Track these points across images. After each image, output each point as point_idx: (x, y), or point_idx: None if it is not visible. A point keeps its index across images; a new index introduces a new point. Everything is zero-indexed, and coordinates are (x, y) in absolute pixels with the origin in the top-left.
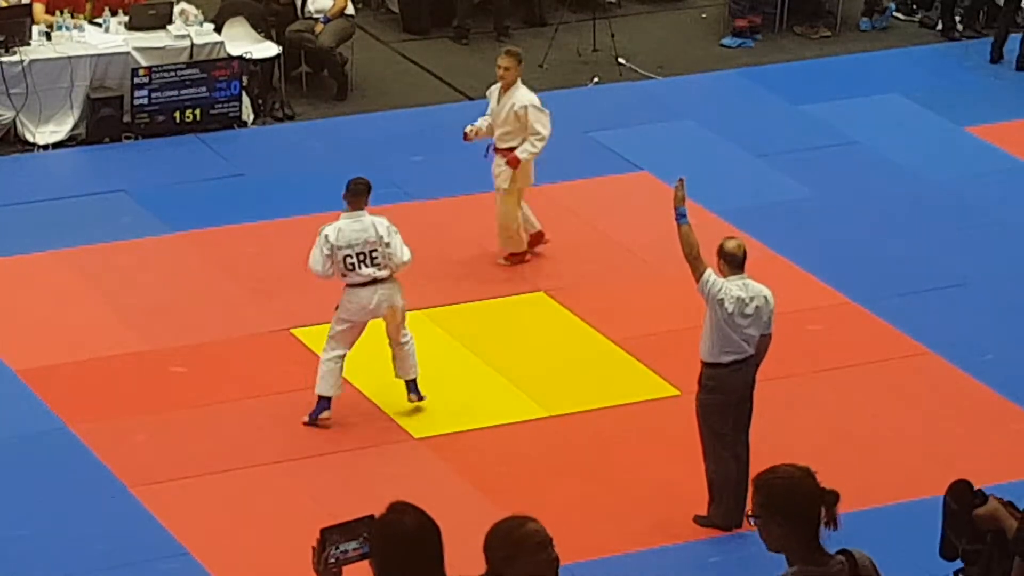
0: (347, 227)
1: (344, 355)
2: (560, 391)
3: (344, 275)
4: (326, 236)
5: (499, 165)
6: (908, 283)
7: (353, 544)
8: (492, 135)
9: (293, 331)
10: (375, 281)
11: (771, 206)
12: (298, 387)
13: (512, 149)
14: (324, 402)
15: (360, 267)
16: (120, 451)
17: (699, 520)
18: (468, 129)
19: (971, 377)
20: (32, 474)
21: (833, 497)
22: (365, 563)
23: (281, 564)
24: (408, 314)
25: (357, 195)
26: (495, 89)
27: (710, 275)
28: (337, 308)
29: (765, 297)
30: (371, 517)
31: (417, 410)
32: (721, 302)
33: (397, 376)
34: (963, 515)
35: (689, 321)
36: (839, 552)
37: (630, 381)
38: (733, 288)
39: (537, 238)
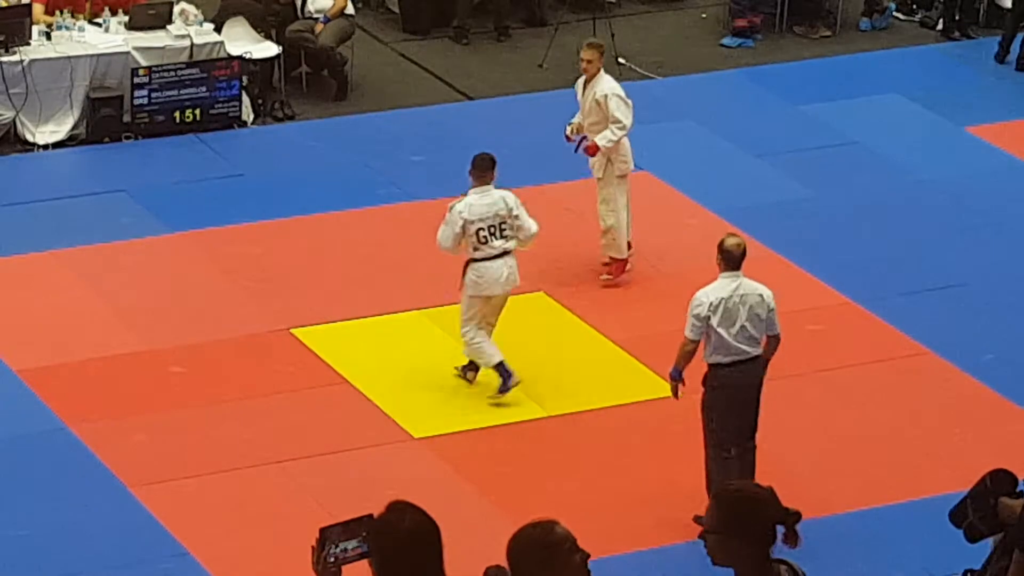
0: (477, 202)
1: (487, 332)
2: (560, 391)
3: (476, 248)
4: (459, 212)
5: (593, 158)
6: (908, 283)
7: (352, 543)
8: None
9: (293, 331)
10: (504, 253)
11: (771, 206)
12: (298, 387)
13: None
14: (504, 368)
15: (492, 240)
16: (120, 451)
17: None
18: (567, 130)
19: (971, 377)
20: (32, 474)
21: (795, 518)
22: (365, 563)
23: (281, 564)
24: (408, 314)
25: (484, 170)
26: (580, 82)
27: (688, 326)
28: (463, 288)
29: (760, 295)
30: (370, 516)
31: (417, 410)
32: (699, 316)
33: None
34: (992, 497)
35: None
36: (779, 561)
37: (630, 381)
38: (704, 298)
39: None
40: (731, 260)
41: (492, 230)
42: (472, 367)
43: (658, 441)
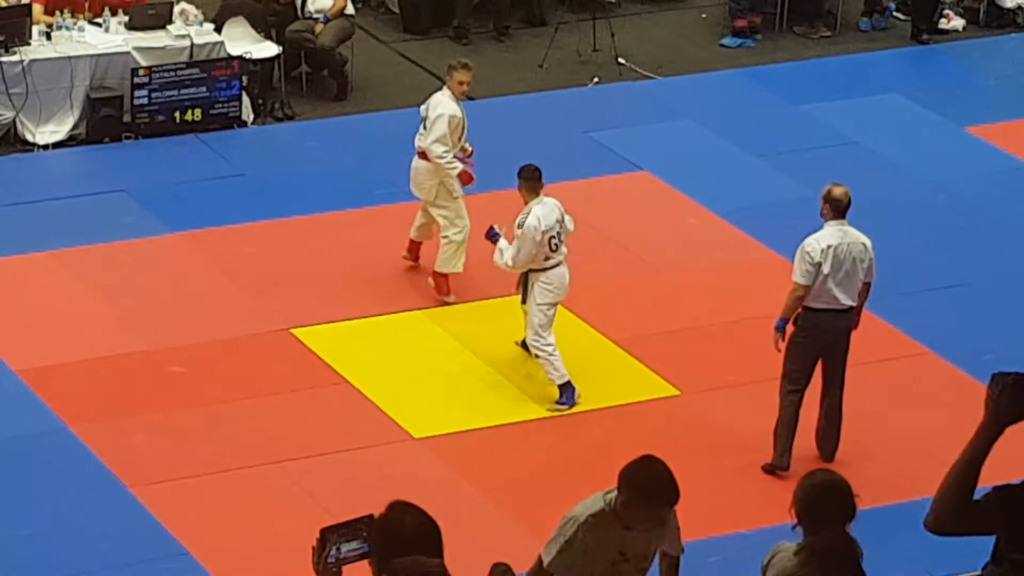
0: (543, 212)
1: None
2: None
3: (547, 257)
4: (534, 227)
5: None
6: (908, 283)
7: (353, 544)
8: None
9: (293, 331)
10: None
11: (771, 206)
12: (298, 387)
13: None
14: (569, 387)
15: (560, 247)
16: (120, 451)
17: (764, 467)
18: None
19: (971, 377)
20: (32, 474)
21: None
22: (365, 563)
23: (281, 564)
24: (408, 314)
25: (537, 180)
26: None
27: (799, 271)
28: (530, 299)
29: (863, 244)
30: (371, 517)
31: (417, 410)
32: (811, 261)
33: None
34: None
35: (689, 321)
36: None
37: (630, 381)
38: (816, 244)
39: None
40: (839, 208)
41: (558, 236)
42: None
43: (658, 441)
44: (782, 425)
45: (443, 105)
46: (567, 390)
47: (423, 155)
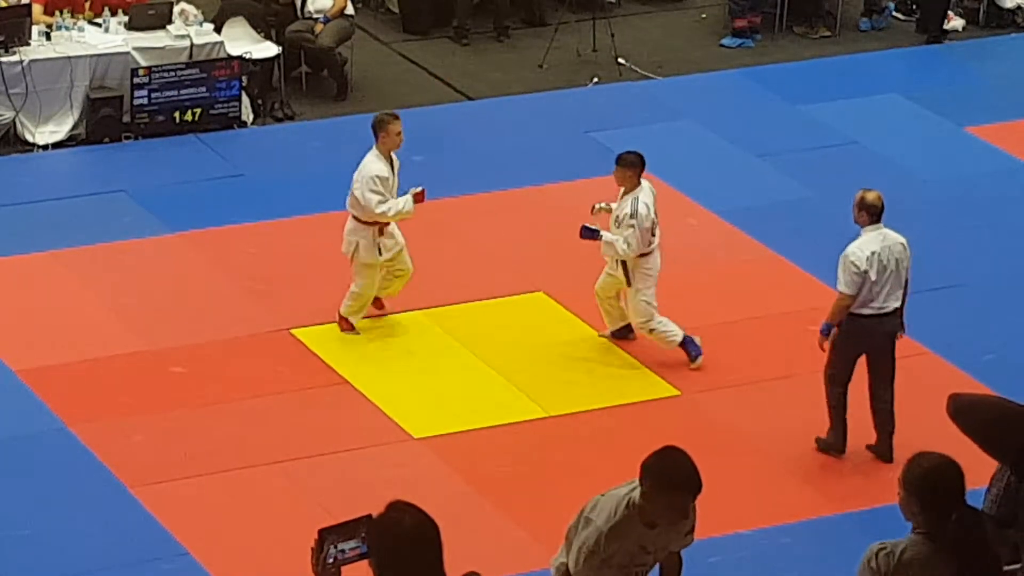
0: (649, 199)
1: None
2: (560, 391)
3: (650, 243)
4: (645, 215)
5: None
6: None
7: (352, 544)
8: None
9: (293, 331)
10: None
11: (771, 206)
12: (298, 387)
13: None
14: (688, 340)
15: (658, 231)
16: (120, 451)
17: (818, 441)
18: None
19: (971, 377)
20: (32, 474)
21: None
22: (365, 563)
23: (281, 564)
24: (408, 314)
25: (641, 167)
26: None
27: (844, 281)
28: (632, 285)
29: (902, 244)
30: (369, 517)
31: (417, 410)
32: (857, 270)
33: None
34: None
35: (689, 321)
36: None
37: (630, 381)
38: (860, 252)
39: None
40: (875, 213)
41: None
42: (628, 328)
43: (658, 441)
44: (835, 412)
45: (369, 167)
46: (688, 344)
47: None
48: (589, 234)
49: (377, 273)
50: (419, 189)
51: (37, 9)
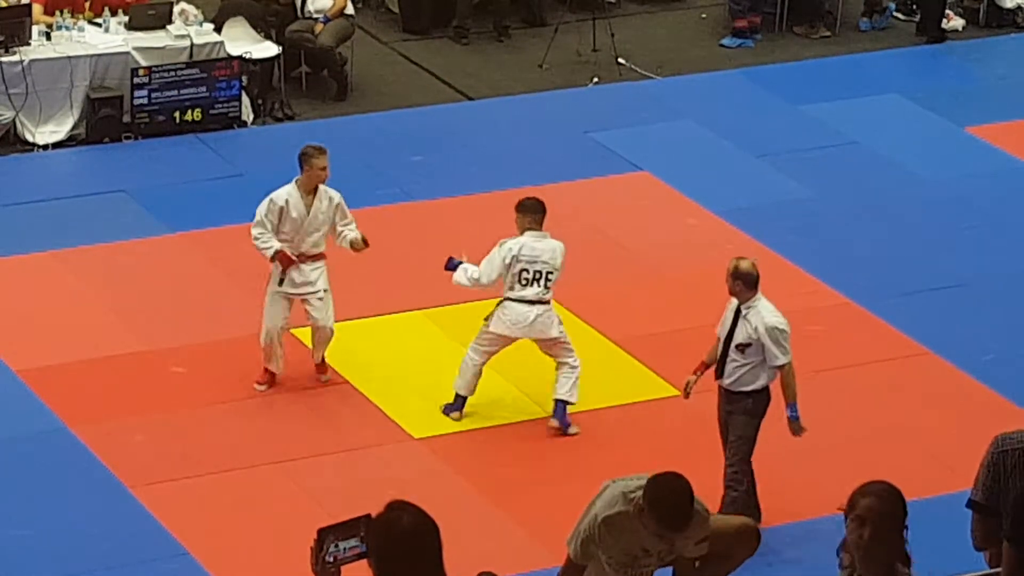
0: (528, 242)
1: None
2: None
3: (511, 288)
4: (508, 248)
5: (317, 269)
6: (908, 283)
7: (351, 543)
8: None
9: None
10: (538, 302)
11: (771, 206)
12: (298, 387)
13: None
14: (460, 401)
15: (533, 285)
16: (120, 451)
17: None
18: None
19: (971, 377)
20: (32, 474)
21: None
22: (364, 562)
23: (281, 564)
24: (408, 314)
25: (537, 212)
26: (304, 197)
27: (787, 349)
28: (489, 318)
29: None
30: (368, 516)
31: (417, 410)
32: (788, 338)
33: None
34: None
35: (689, 321)
36: None
37: (630, 381)
38: (784, 320)
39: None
40: (752, 282)
41: (536, 275)
42: (457, 406)
43: (658, 441)
44: (751, 489)
45: (275, 192)
46: (457, 401)
47: None
48: (451, 267)
49: (279, 305)
50: (285, 252)
51: (37, 9)
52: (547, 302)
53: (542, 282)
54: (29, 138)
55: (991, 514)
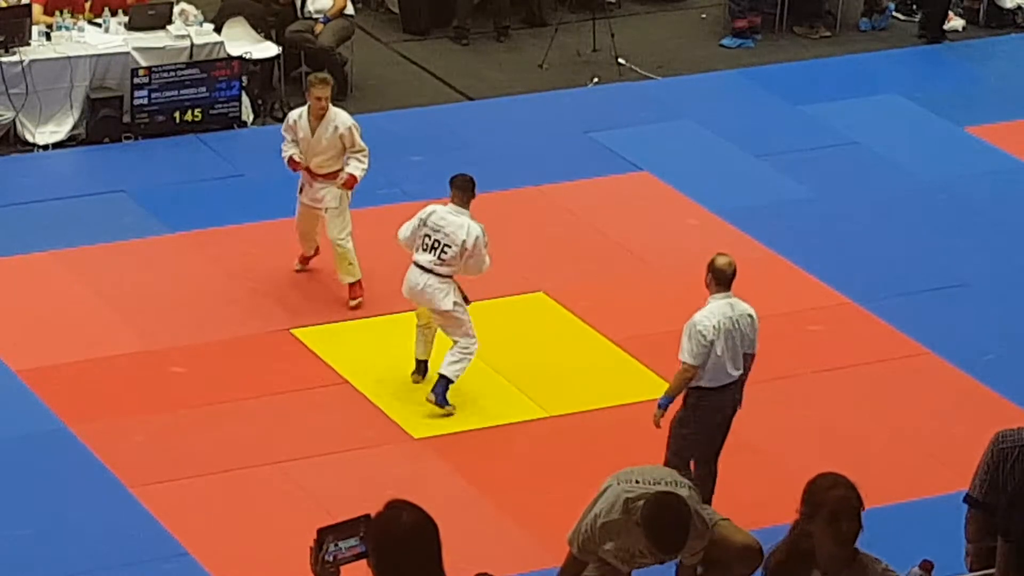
0: (444, 213)
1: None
2: (560, 391)
3: (415, 251)
4: (425, 212)
5: (325, 188)
6: (908, 283)
7: (351, 543)
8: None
9: (293, 331)
10: (428, 270)
11: (771, 206)
12: (298, 387)
13: (335, 172)
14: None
15: (426, 252)
16: (120, 451)
17: None
18: (294, 156)
19: (971, 377)
20: (32, 474)
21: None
22: (364, 562)
23: (281, 564)
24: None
25: (464, 191)
26: (304, 118)
27: (689, 351)
28: None
29: (750, 316)
30: (368, 516)
31: (417, 410)
32: (703, 341)
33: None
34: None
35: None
36: None
37: (630, 381)
38: (707, 321)
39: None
40: (723, 279)
41: (435, 244)
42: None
43: (658, 441)
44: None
45: (295, 111)
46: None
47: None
48: None
49: (302, 212)
50: (293, 159)
51: (37, 9)
52: (440, 275)
53: (437, 252)
54: (29, 138)
55: (986, 510)
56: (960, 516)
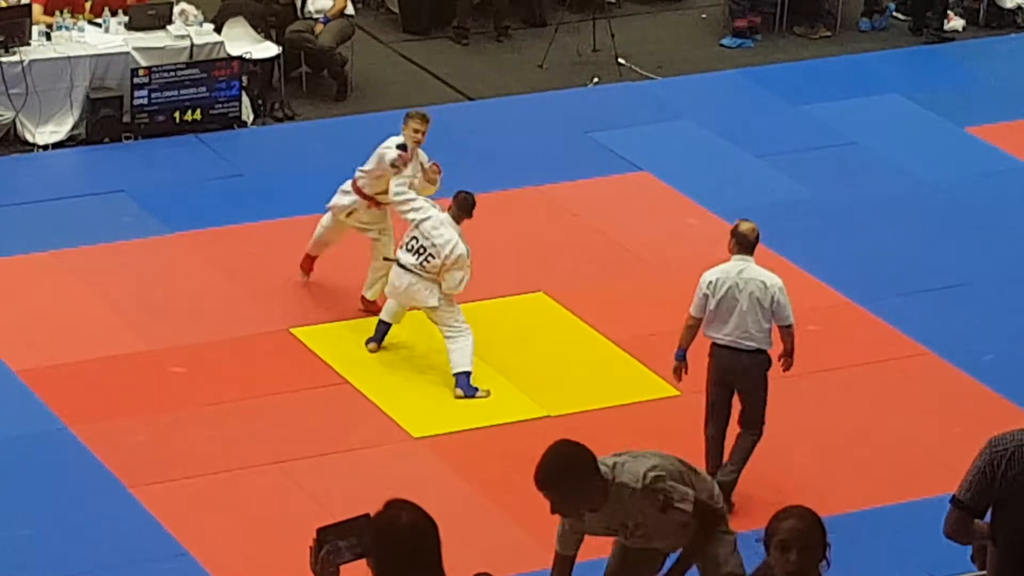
0: (437, 217)
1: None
2: (560, 391)
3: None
4: (420, 205)
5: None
6: (908, 283)
7: (350, 543)
8: None
9: (293, 331)
10: (409, 270)
11: (771, 206)
12: (298, 387)
13: None
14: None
15: (408, 254)
16: (120, 451)
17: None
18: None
19: (971, 377)
20: (32, 474)
21: None
22: (364, 562)
23: (281, 564)
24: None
25: (464, 210)
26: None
27: (693, 304)
28: None
29: (763, 283)
30: (368, 516)
31: (417, 410)
32: (699, 293)
33: None
34: None
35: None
36: None
37: (630, 381)
38: (708, 275)
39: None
40: (744, 244)
41: (420, 249)
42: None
43: (658, 441)
44: (708, 443)
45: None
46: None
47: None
48: None
49: (334, 222)
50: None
51: (37, 9)
52: (425, 278)
53: (421, 258)
54: (29, 138)
55: (972, 514)
56: None
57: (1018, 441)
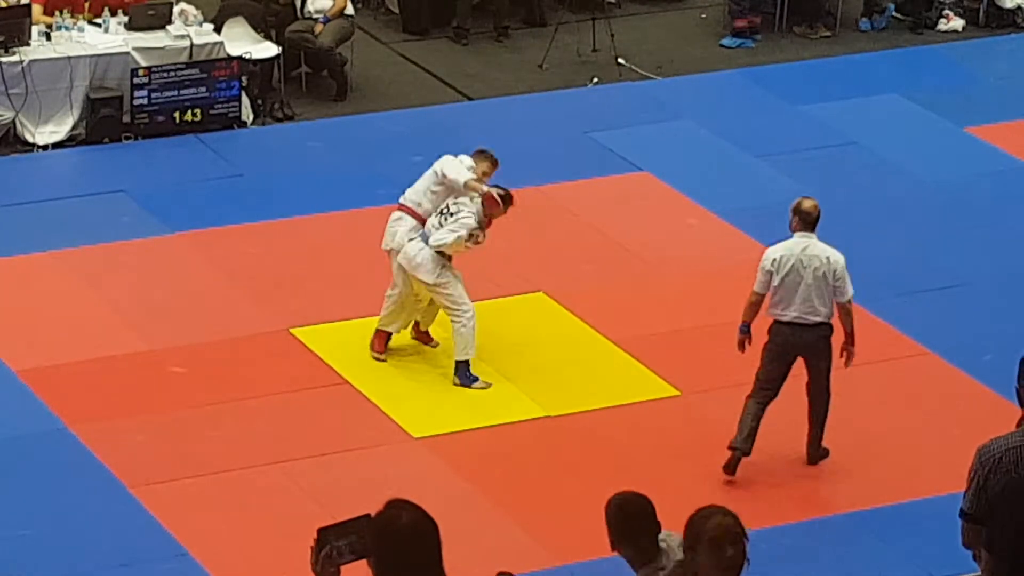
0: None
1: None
2: (560, 391)
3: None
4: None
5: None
6: (908, 283)
7: (351, 543)
8: None
9: (293, 331)
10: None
11: (771, 206)
12: (298, 387)
13: None
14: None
15: (438, 217)
16: (120, 451)
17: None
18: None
19: (971, 377)
20: (32, 474)
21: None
22: (364, 562)
23: (281, 564)
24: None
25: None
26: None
27: (756, 281)
28: None
29: (827, 258)
30: (368, 516)
31: (417, 410)
32: (763, 270)
33: None
34: None
35: (689, 321)
36: None
37: (630, 381)
38: (771, 253)
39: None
40: (807, 221)
41: (447, 212)
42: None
43: (658, 441)
44: (746, 416)
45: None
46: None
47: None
48: None
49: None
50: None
51: (37, 9)
52: (426, 242)
53: (442, 217)
54: (29, 138)
55: (977, 522)
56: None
57: (1003, 448)
